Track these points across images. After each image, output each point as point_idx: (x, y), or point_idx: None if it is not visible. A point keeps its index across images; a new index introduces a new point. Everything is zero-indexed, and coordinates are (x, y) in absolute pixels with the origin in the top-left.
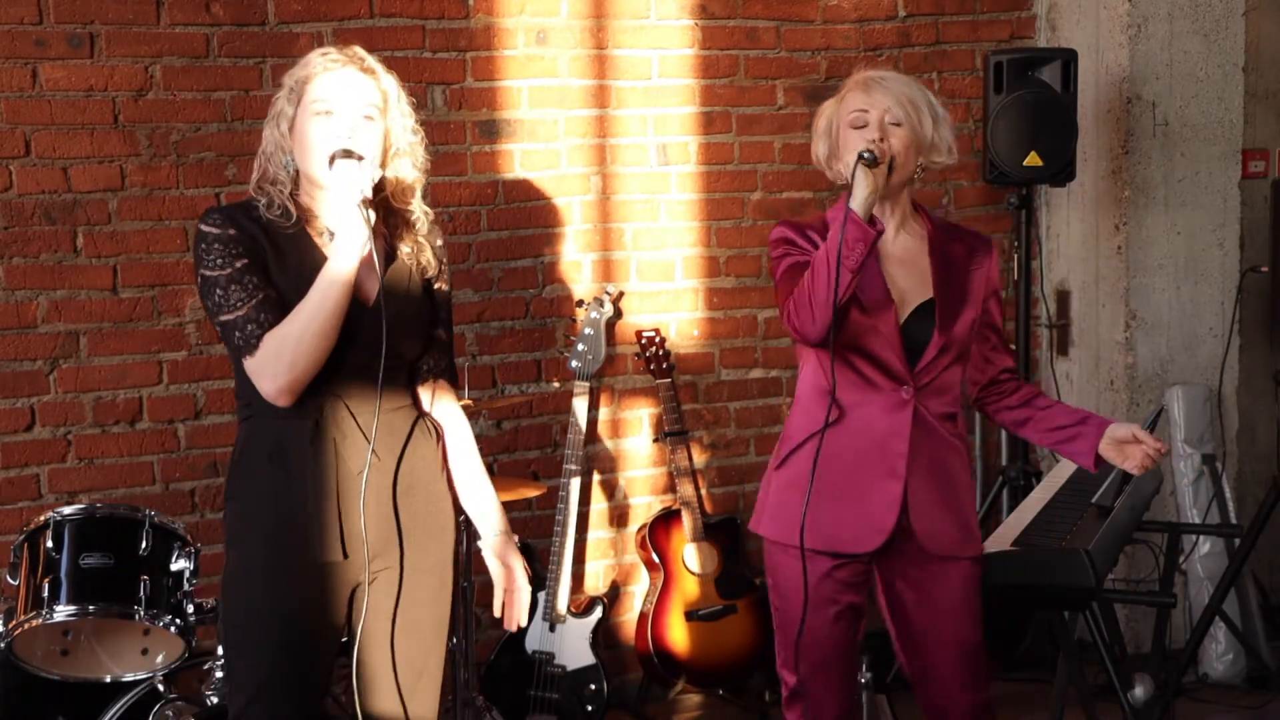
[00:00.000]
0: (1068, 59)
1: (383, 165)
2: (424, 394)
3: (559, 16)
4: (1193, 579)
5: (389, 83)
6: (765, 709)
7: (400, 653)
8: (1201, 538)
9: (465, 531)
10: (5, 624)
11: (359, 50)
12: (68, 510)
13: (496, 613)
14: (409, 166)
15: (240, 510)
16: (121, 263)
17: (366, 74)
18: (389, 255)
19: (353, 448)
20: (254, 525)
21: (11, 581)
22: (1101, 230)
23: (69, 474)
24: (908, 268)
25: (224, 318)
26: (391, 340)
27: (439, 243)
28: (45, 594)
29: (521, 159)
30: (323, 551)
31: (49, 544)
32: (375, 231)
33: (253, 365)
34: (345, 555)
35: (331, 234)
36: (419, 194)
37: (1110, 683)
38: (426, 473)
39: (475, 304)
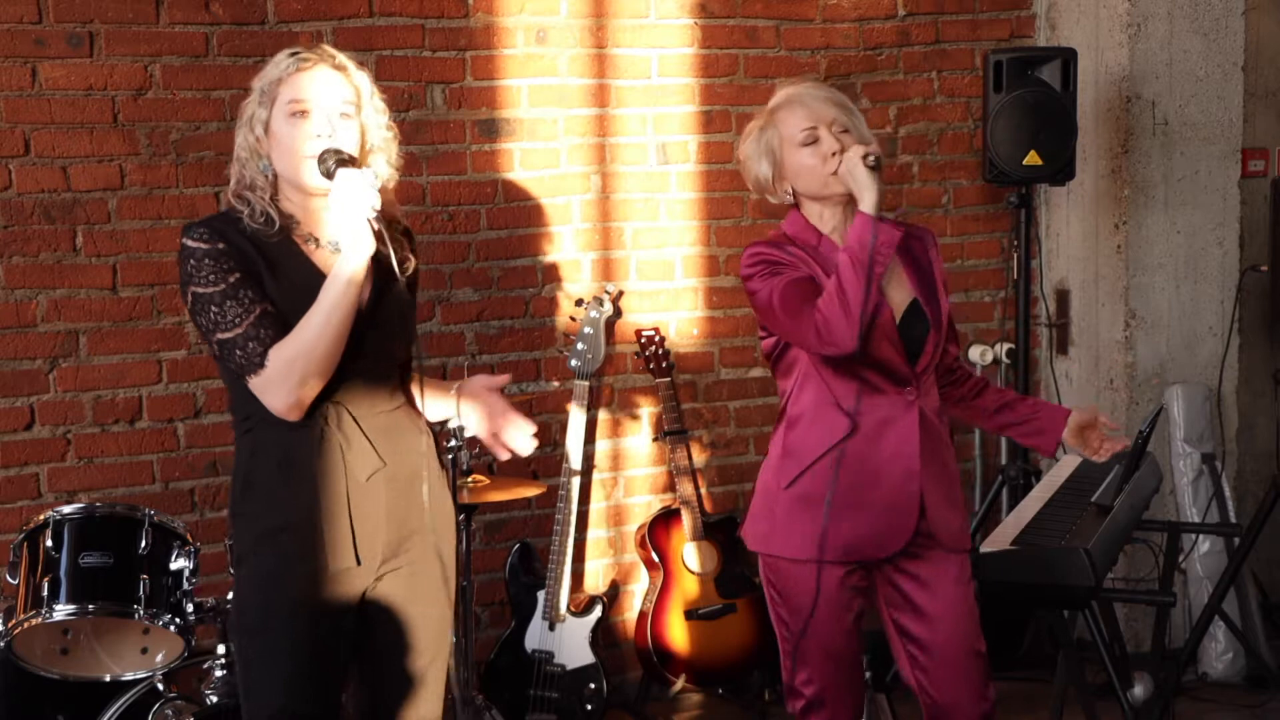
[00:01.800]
0: (1067, 58)
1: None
2: (414, 390)
3: (559, 15)
4: (1192, 578)
5: (361, 79)
6: (765, 708)
7: (410, 652)
8: (1201, 537)
9: (464, 531)
10: (5, 623)
11: (327, 48)
12: (67, 509)
13: (500, 451)
14: (384, 163)
15: (251, 525)
16: (121, 262)
17: (338, 71)
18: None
19: (358, 453)
20: (268, 537)
21: (11, 580)
22: (1101, 229)
23: (68, 473)
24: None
25: (221, 336)
26: (388, 343)
27: (410, 245)
28: (45, 593)
29: (521, 158)
30: (337, 559)
31: (49, 543)
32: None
33: (260, 383)
34: (359, 562)
35: (317, 240)
36: (391, 189)
37: (1110, 682)
38: (428, 470)
39: (475, 303)
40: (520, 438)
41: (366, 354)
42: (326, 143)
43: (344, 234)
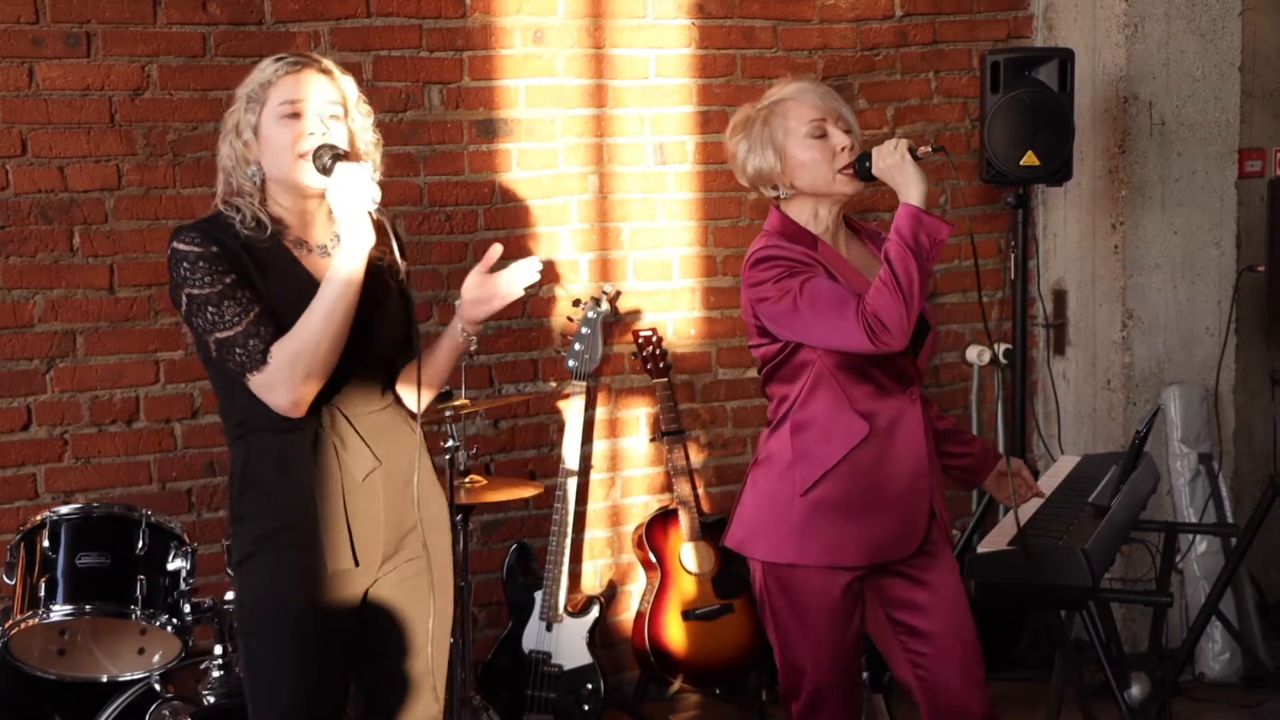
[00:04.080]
0: (1064, 58)
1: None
2: (406, 387)
3: (556, 16)
4: (1189, 578)
5: (347, 84)
6: (762, 708)
7: (410, 652)
8: (1198, 537)
9: (462, 531)
10: (2, 624)
11: (314, 55)
12: (64, 510)
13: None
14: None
15: (251, 528)
16: (118, 262)
17: (325, 75)
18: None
19: (354, 453)
20: (270, 539)
21: (8, 581)
22: (1098, 229)
23: (65, 473)
24: (871, 274)
25: (220, 335)
26: (379, 343)
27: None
28: (42, 593)
29: (518, 158)
30: (336, 560)
31: (45, 543)
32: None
33: (262, 380)
34: (357, 563)
35: (308, 245)
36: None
37: (1107, 682)
38: (419, 467)
39: None
40: (522, 270)
41: (358, 354)
42: (321, 140)
43: (345, 229)
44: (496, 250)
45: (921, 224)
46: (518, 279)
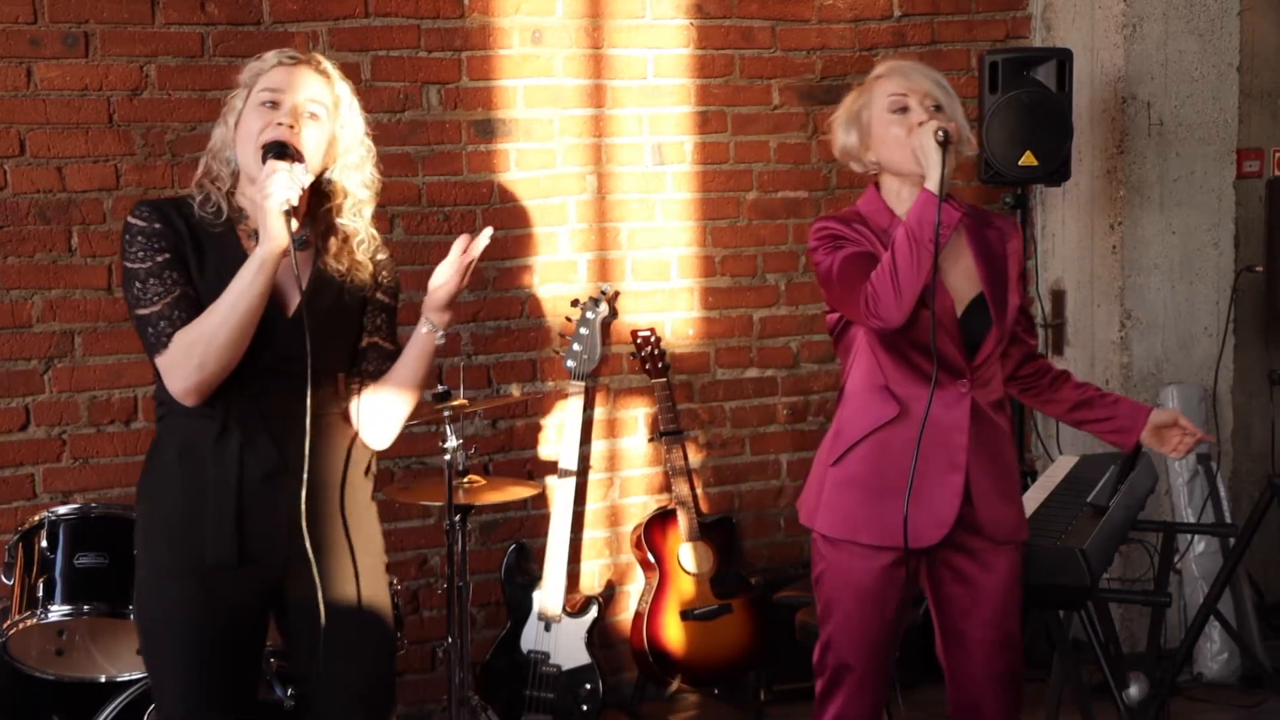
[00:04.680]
0: (1063, 59)
1: (323, 170)
2: (366, 397)
3: (554, 16)
4: (1188, 578)
5: (343, 89)
6: (760, 708)
7: (335, 655)
8: (1196, 537)
9: (460, 531)
10: (0, 624)
11: (317, 55)
12: (62, 510)
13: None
14: (358, 183)
15: (149, 509)
16: (116, 262)
17: (321, 75)
18: (319, 268)
19: (258, 451)
20: (159, 525)
21: (6, 581)
22: (1097, 230)
23: (64, 473)
24: (951, 260)
25: (140, 312)
26: (298, 351)
27: (380, 256)
28: (40, 594)
29: (517, 158)
30: (214, 552)
31: (44, 544)
32: (307, 240)
33: (163, 362)
34: (240, 559)
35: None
36: (368, 214)
37: (1105, 682)
38: (343, 481)
39: (471, 303)
40: (477, 243)
41: (288, 356)
42: (280, 134)
43: (261, 224)
44: (462, 240)
45: (929, 209)
46: (474, 250)
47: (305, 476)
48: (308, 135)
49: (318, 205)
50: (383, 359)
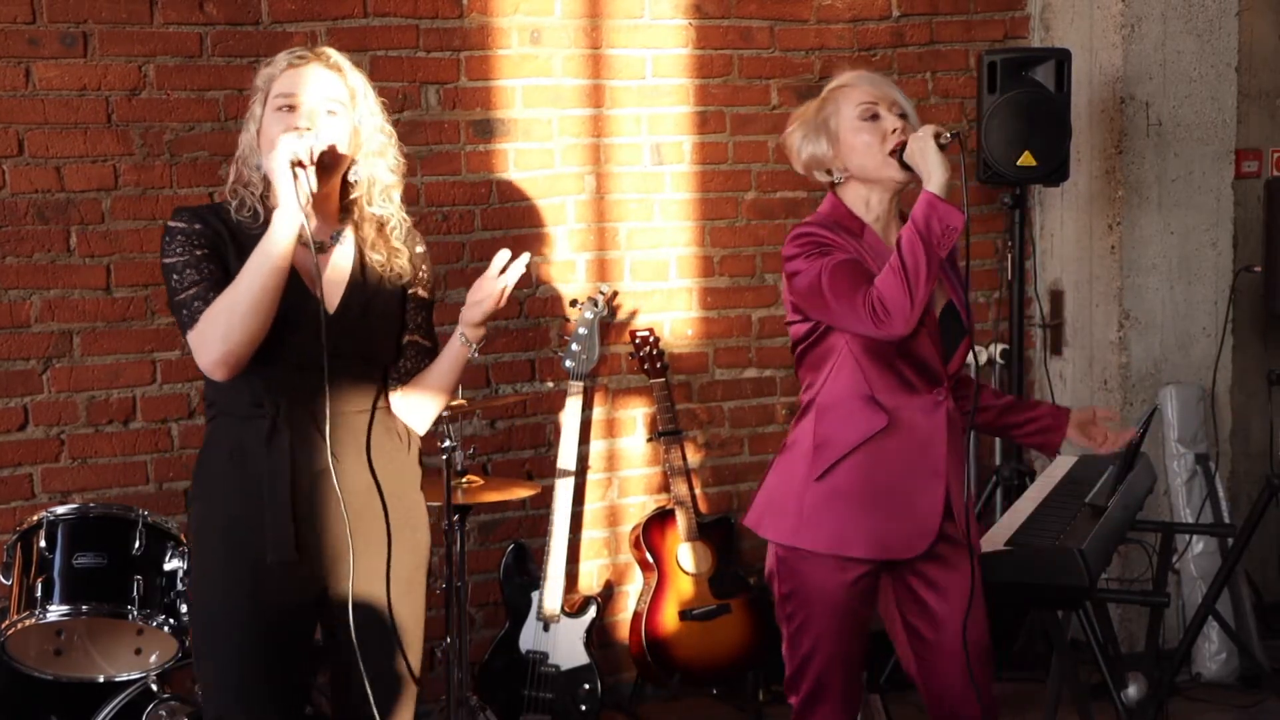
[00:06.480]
0: (1061, 59)
1: (351, 160)
2: (397, 398)
3: (553, 16)
4: (1186, 578)
5: (356, 80)
6: (759, 708)
7: (377, 653)
8: (1195, 537)
9: (459, 531)
10: None
11: (326, 49)
12: (61, 510)
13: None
14: (384, 169)
15: (202, 510)
16: (115, 262)
17: (333, 70)
18: (361, 260)
19: (309, 450)
20: (212, 525)
21: (5, 581)
22: (1095, 230)
23: (62, 473)
24: None
25: (176, 298)
26: (345, 345)
27: (419, 249)
28: (38, 594)
29: (515, 158)
30: (274, 551)
31: (42, 544)
32: (324, 245)
33: (193, 338)
34: (297, 557)
35: (300, 236)
36: (397, 198)
37: (1104, 682)
38: (394, 477)
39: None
40: (514, 268)
41: (334, 353)
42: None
43: (275, 190)
44: (503, 255)
45: (935, 211)
46: (510, 276)
47: (369, 470)
48: (327, 132)
49: (347, 198)
50: (420, 356)
